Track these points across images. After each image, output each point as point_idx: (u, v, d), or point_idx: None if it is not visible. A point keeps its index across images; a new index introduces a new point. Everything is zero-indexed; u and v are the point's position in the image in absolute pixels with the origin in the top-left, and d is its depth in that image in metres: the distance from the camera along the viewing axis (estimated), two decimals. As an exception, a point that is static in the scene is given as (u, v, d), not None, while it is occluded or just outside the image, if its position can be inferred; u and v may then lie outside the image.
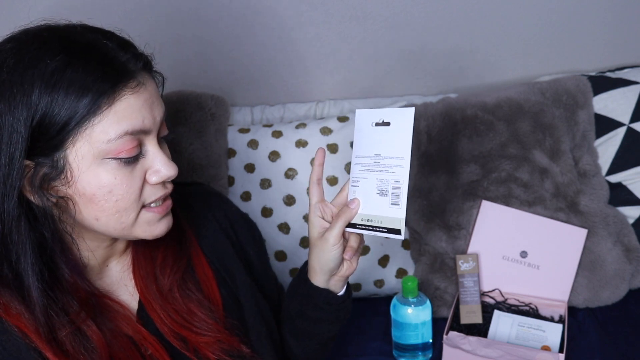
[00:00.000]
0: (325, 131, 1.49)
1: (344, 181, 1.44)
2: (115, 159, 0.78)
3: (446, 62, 1.62)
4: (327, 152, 1.47)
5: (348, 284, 1.03)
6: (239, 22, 1.54)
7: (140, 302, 0.93)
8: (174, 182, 0.88)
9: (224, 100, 1.50)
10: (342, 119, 1.51)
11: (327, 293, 0.99)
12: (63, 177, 0.78)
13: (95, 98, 0.75)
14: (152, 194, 0.83)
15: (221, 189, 1.45)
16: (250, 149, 1.47)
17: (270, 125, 1.52)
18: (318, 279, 0.98)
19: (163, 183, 0.85)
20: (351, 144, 1.48)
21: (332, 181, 1.45)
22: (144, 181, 0.82)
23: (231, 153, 1.48)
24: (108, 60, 0.77)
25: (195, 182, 1.12)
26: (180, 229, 0.97)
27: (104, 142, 0.77)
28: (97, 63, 0.76)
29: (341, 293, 1.01)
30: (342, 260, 0.96)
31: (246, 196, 1.47)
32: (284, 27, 1.55)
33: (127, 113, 0.77)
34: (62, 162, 0.77)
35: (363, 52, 1.60)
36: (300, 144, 1.47)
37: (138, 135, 0.79)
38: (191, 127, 1.44)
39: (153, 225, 0.85)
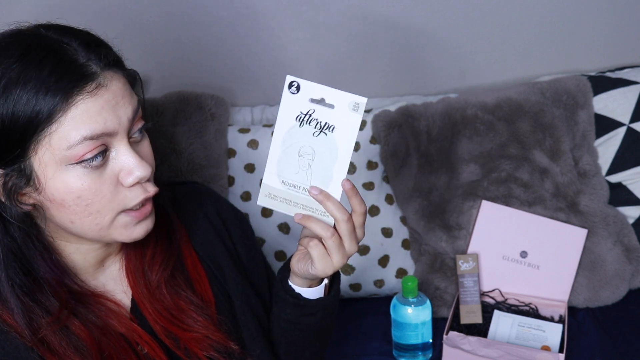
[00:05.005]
0: (325, 131, 1.48)
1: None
2: (79, 163, 0.77)
3: (446, 62, 1.62)
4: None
5: (334, 288, 0.97)
6: (239, 22, 1.54)
7: (132, 299, 0.92)
8: (167, 182, 0.87)
9: (224, 100, 1.50)
10: (342, 119, 1.51)
11: (295, 293, 0.94)
12: (32, 184, 0.78)
13: (49, 106, 0.74)
14: (133, 197, 0.82)
15: (221, 189, 1.45)
16: (250, 149, 1.47)
17: (270, 125, 1.52)
18: (297, 281, 0.94)
19: (142, 186, 0.83)
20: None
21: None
22: (117, 183, 0.81)
23: (231, 153, 1.48)
24: (64, 65, 0.76)
25: (188, 181, 1.11)
26: (171, 227, 0.96)
27: (64, 148, 0.76)
28: (50, 70, 0.75)
29: (315, 297, 0.95)
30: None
31: (246, 196, 1.47)
32: (284, 27, 1.55)
33: (85, 118, 0.76)
34: (28, 170, 0.77)
35: (363, 52, 1.60)
36: (300, 144, 1.47)
37: (101, 139, 0.78)
38: (191, 127, 1.44)
39: (130, 228, 0.84)
